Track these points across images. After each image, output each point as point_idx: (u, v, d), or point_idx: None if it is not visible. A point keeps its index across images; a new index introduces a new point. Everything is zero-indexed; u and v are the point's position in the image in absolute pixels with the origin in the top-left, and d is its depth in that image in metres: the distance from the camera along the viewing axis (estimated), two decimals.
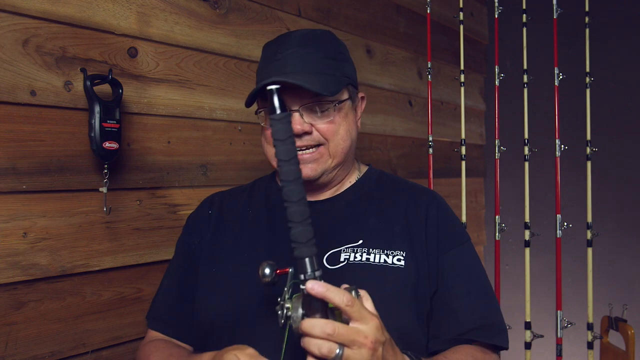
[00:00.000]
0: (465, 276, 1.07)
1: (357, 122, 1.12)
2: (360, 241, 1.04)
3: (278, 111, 0.73)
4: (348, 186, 1.14)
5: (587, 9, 1.91)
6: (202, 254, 1.12)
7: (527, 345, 1.83)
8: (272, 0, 1.61)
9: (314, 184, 1.08)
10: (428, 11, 1.94)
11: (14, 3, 1.05)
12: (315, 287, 0.72)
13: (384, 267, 1.01)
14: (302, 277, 0.74)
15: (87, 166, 1.18)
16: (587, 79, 1.89)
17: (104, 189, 1.19)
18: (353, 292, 0.76)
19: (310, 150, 1.03)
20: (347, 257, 1.02)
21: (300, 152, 1.02)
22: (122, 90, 1.19)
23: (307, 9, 1.75)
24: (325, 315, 0.73)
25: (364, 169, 1.18)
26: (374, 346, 0.74)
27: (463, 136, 1.94)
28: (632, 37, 2.40)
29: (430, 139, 1.89)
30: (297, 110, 1.01)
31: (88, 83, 1.13)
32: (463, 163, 1.94)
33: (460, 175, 1.92)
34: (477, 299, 1.06)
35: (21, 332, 1.07)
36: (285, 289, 0.78)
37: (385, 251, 1.03)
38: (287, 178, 0.75)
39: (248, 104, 1.03)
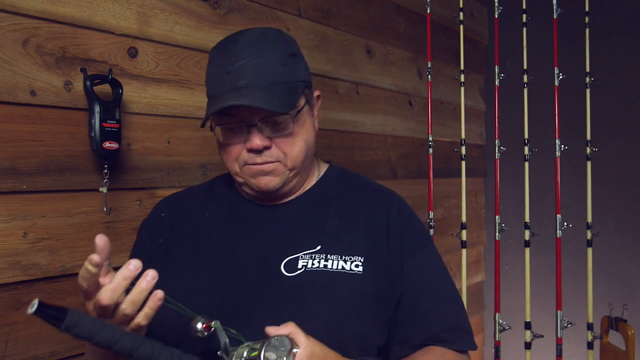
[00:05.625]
0: (430, 278, 1.04)
1: (314, 123, 1.05)
2: (319, 247, 1.00)
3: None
4: (308, 188, 1.08)
5: (587, 9, 1.91)
6: (153, 260, 1.02)
7: (527, 345, 1.83)
8: (272, 0, 1.61)
9: (276, 194, 1.04)
10: (428, 11, 1.94)
11: (14, 3, 1.05)
12: None
13: (341, 274, 0.97)
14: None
15: (87, 166, 1.18)
16: (587, 79, 1.89)
17: (104, 189, 1.19)
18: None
19: (268, 164, 0.98)
20: (305, 263, 0.98)
21: (257, 166, 0.98)
22: (122, 90, 1.19)
23: (307, 9, 1.75)
24: None
25: (324, 167, 1.13)
26: None
27: (463, 136, 1.94)
28: (632, 37, 2.41)
29: (430, 139, 1.89)
30: (256, 125, 0.96)
31: (88, 83, 1.13)
32: (463, 163, 1.94)
33: (460, 175, 1.92)
34: (444, 302, 1.04)
35: (21, 332, 1.08)
36: (222, 342, 0.80)
37: (344, 257, 0.99)
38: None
39: (203, 125, 0.96)
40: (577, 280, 1.97)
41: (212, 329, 0.81)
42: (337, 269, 0.98)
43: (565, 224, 1.82)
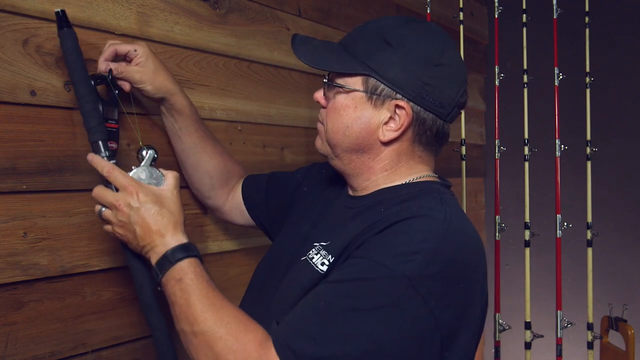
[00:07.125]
0: (331, 288, 0.85)
1: (376, 127, 0.96)
2: (329, 242, 0.97)
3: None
4: (383, 187, 1.01)
5: (587, 9, 1.91)
6: (286, 194, 1.25)
7: (527, 345, 1.83)
8: (272, 0, 1.61)
9: (342, 176, 1.08)
10: (428, 11, 1.94)
11: (14, 3, 1.05)
12: (88, 157, 1.01)
13: (311, 270, 0.94)
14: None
15: (87, 166, 1.17)
16: (587, 79, 1.89)
17: None
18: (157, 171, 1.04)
19: (319, 122, 1.07)
20: (309, 253, 0.98)
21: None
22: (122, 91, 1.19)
23: (307, 9, 1.75)
24: (106, 183, 1.00)
25: (427, 178, 1.02)
26: (123, 209, 0.94)
27: (463, 136, 1.95)
28: (632, 37, 2.41)
29: None
30: (325, 79, 1.03)
31: None
32: (463, 163, 1.94)
33: (460, 175, 1.93)
34: (311, 315, 0.83)
35: (21, 332, 1.08)
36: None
37: (327, 254, 0.94)
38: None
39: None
40: (577, 280, 1.97)
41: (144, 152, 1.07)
42: (314, 263, 0.95)
43: (565, 224, 1.82)
